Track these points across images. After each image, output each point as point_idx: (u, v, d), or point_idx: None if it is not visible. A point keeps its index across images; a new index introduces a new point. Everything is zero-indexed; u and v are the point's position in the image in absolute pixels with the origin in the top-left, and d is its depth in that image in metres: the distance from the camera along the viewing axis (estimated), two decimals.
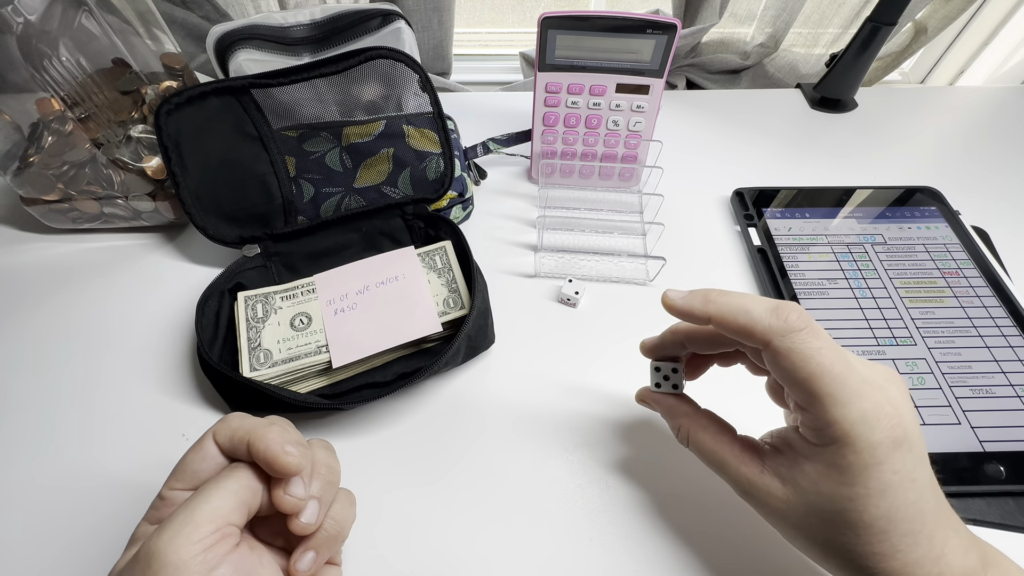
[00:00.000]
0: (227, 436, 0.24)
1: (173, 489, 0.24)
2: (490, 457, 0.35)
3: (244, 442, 0.24)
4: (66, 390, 0.39)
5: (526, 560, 0.31)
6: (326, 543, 0.25)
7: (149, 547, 0.21)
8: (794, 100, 0.63)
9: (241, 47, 0.46)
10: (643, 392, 0.32)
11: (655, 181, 0.52)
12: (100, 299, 0.44)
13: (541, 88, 0.47)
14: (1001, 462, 0.33)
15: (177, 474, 0.25)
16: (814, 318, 0.24)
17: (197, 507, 0.22)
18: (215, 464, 0.25)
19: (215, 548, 0.21)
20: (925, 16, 0.67)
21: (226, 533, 0.22)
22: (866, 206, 0.48)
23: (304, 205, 0.45)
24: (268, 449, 0.23)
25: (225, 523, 0.22)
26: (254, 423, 0.25)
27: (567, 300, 0.43)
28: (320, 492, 0.25)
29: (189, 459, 0.25)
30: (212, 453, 0.25)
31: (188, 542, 0.21)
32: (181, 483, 0.24)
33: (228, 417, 0.25)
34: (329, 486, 0.25)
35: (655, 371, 0.31)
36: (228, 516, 0.22)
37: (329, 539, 0.25)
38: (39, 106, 0.42)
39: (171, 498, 0.24)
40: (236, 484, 0.23)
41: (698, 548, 0.31)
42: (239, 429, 0.24)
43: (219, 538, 0.22)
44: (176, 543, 0.20)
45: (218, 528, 0.22)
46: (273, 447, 0.23)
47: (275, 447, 0.23)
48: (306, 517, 0.24)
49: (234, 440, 0.24)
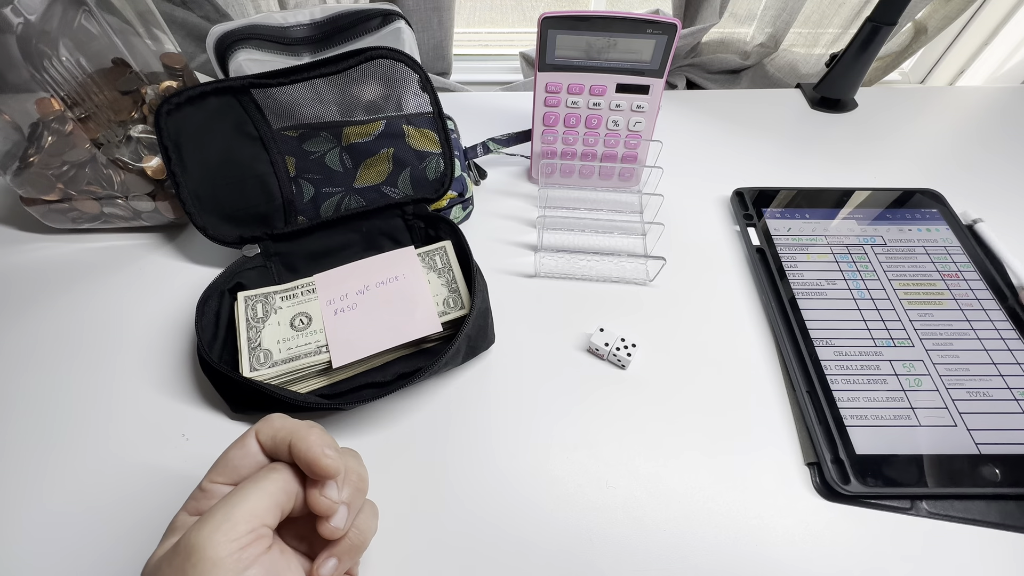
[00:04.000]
0: (269, 435, 0.25)
1: (214, 482, 0.25)
2: (490, 457, 0.35)
3: (286, 442, 0.25)
4: (66, 390, 0.39)
5: (526, 560, 0.31)
6: (348, 551, 0.26)
7: (190, 539, 0.21)
8: (794, 100, 0.63)
9: (241, 47, 0.46)
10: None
11: (655, 181, 0.52)
12: (100, 299, 0.44)
13: (541, 88, 0.47)
14: (997, 465, 0.33)
15: (219, 468, 0.25)
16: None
17: (236, 505, 0.22)
18: (255, 462, 0.25)
19: (249, 548, 0.22)
20: (925, 16, 0.67)
21: (260, 534, 0.23)
22: (866, 207, 0.48)
23: (304, 205, 0.45)
24: (310, 450, 0.24)
25: (260, 524, 0.23)
26: (296, 424, 0.25)
27: (613, 357, 0.39)
28: (350, 499, 0.25)
29: (232, 454, 0.25)
30: (254, 451, 0.25)
31: (226, 539, 0.21)
32: (222, 477, 0.25)
33: (271, 417, 0.26)
34: (359, 493, 0.26)
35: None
36: (263, 517, 0.23)
37: (352, 548, 0.26)
38: (39, 106, 0.42)
39: (211, 490, 0.25)
40: (273, 486, 0.24)
41: (699, 548, 0.31)
42: (281, 429, 0.25)
43: (254, 539, 0.22)
44: (215, 539, 0.21)
45: (253, 529, 0.22)
46: (315, 449, 0.24)
47: (316, 449, 0.24)
48: (336, 521, 0.24)
49: (276, 439, 0.25)
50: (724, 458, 0.35)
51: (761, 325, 0.42)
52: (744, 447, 0.35)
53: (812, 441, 0.35)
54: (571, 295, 0.44)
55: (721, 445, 0.35)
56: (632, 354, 0.38)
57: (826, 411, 0.35)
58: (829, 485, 0.33)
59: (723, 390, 0.38)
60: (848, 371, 0.37)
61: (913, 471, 0.33)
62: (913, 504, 0.32)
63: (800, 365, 0.38)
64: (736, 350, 0.40)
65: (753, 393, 0.38)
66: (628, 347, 0.39)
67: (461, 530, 0.32)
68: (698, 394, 0.38)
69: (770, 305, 0.42)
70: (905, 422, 0.35)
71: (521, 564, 0.31)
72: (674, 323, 0.42)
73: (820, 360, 0.38)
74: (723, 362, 0.40)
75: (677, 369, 0.39)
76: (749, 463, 0.35)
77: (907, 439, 0.34)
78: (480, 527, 0.32)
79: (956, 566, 0.31)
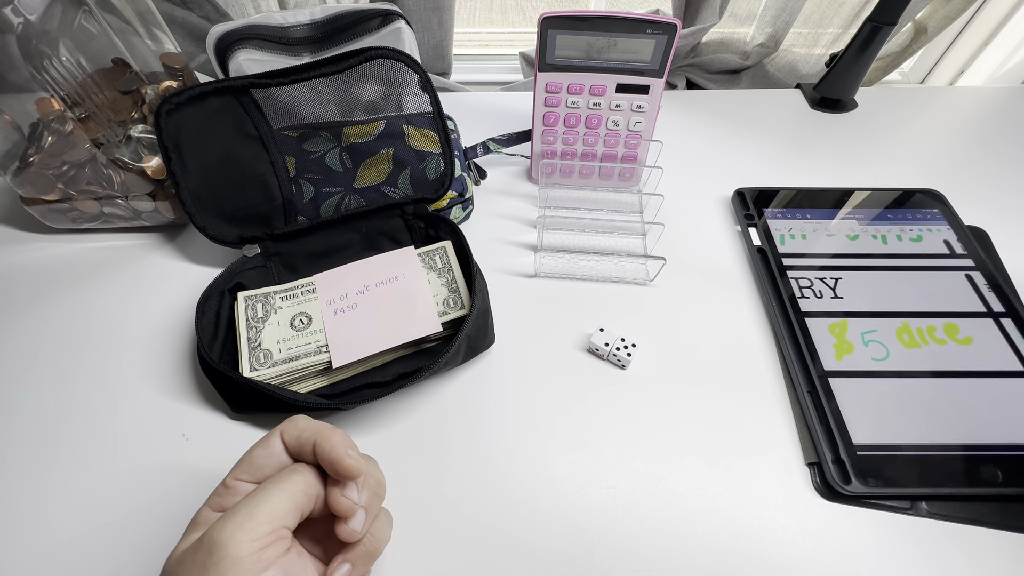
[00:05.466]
0: (294, 436, 0.26)
1: (238, 479, 0.25)
2: (490, 457, 0.35)
3: (310, 443, 0.25)
4: (65, 390, 0.39)
5: (526, 560, 0.31)
6: (363, 557, 0.26)
7: (212, 536, 0.22)
8: (794, 100, 0.63)
9: (241, 47, 0.46)
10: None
11: (655, 181, 0.52)
12: (100, 299, 0.44)
13: (541, 88, 0.47)
14: (997, 465, 0.33)
15: (243, 465, 0.26)
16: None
17: (258, 505, 0.23)
18: (279, 461, 0.26)
19: (269, 549, 0.22)
20: (925, 16, 0.67)
21: (280, 535, 0.23)
22: (866, 207, 0.48)
23: (304, 205, 0.45)
24: (333, 451, 0.24)
25: (281, 525, 0.23)
26: (320, 426, 0.26)
27: (613, 357, 0.39)
28: (368, 503, 0.26)
29: (256, 453, 0.26)
30: (278, 450, 0.26)
31: (248, 538, 0.22)
32: (246, 475, 0.25)
33: (295, 418, 0.26)
34: (376, 499, 0.26)
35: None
36: (284, 519, 0.23)
37: (366, 554, 0.26)
38: (39, 106, 0.42)
39: (235, 487, 0.25)
40: (295, 487, 0.24)
41: (699, 548, 0.31)
42: (306, 430, 0.26)
43: (274, 539, 0.23)
44: (237, 537, 0.21)
45: (274, 529, 0.23)
46: (338, 449, 0.24)
47: (339, 450, 0.24)
48: (354, 523, 0.25)
49: (300, 440, 0.25)
50: (724, 458, 0.35)
51: (762, 325, 0.42)
52: (745, 447, 0.35)
53: (813, 441, 0.35)
54: (571, 295, 0.44)
55: (721, 445, 0.35)
56: (632, 354, 0.38)
57: (827, 411, 0.35)
58: (830, 485, 0.33)
59: (724, 390, 0.38)
60: (849, 371, 0.37)
61: (914, 471, 0.33)
62: (913, 504, 0.32)
63: (801, 365, 0.38)
64: (736, 350, 0.40)
65: (754, 393, 0.38)
66: (628, 347, 0.39)
67: (461, 530, 0.32)
68: (698, 394, 0.38)
69: (771, 304, 0.42)
70: (906, 422, 0.35)
71: (521, 564, 0.31)
72: (674, 323, 0.42)
73: (821, 360, 0.38)
74: (724, 362, 0.40)
75: (677, 369, 0.39)
76: (750, 463, 0.35)
77: (908, 439, 0.34)
78: (480, 527, 0.32)
79: (956, 566, 0.30)
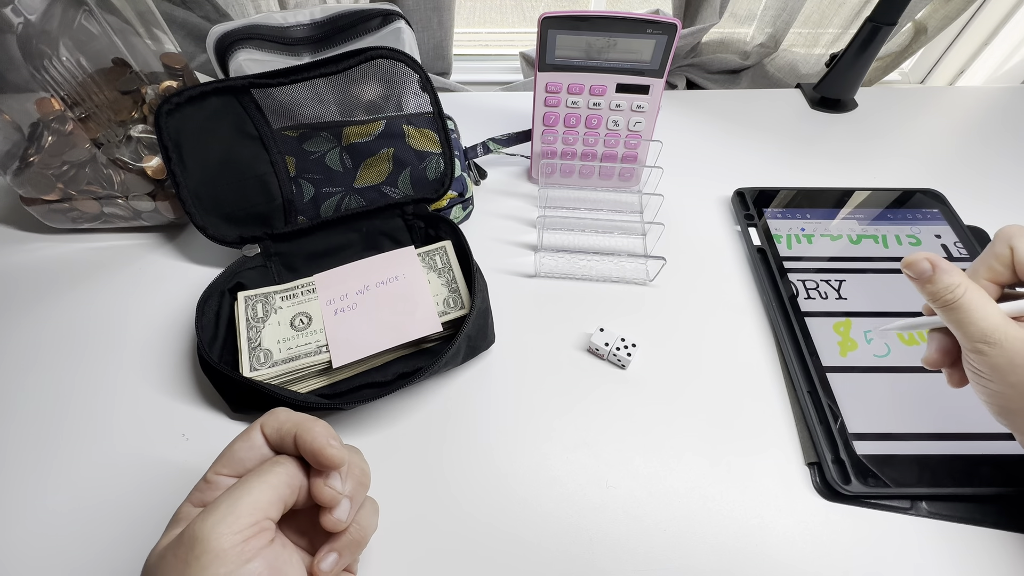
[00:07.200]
0: (275, 428, 0.26)
1: (219, 474, 0.25)
2: (490, 457, 0.35)
3: (291, 435, 0.25)
4: (66, 390, 0.39)
5: (526, 560, 0.31)
6: (349, 547, 0.26)
7: (194, 530, 0.22)
8: (794, 100, 0.63)
9: (241, 47, 0.46)
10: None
11: (655, 181, 0.52)
12: (100, 299, 0.44)
13: (541, 88, 0.47)
14: (997, 465, 0.33)
15: (224, 460, 0.25)
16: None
17: (240, 498, 0.23)
18: (260, 454, 0.26)
19: (252, 541, 0.22)
20: (925, 16, 0.67)
21: (263, 527, 0.23)
22: (866, 207, 0.48)
23: (304, 205, 0.45)
24: (315, 440, 0.24)
25: (263, 516, 0.23)
26: (301, 417, 0.26)
27: (613, 357, 0.39)
28: (352, 492, 0.25)
29: (237, 447, 0.26)
30: (259, 443, 0.26)
31: (230, 531, 0.21)
32: (227, 469, 0.25)
33: (276, 411, 0.26)
34: (361, 488, 0.26)
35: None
36: (267, 510, 0.23)
37: (353, 543, 0.26)
38: (39, 106, 0.42)
39: (216, 482, 0.25)
40: (277, 479, 0.24)
41: (699, 548, 0.31)
42: (287, 422, 0.25)
43: (257, 531, 0.22)
44: (218, 531, 0.21)
45: (257, 521, 0.22)
46: (320, 439, 0.24)
47: (321, 439, 0.24)
48: (339, 513, 0.25)
49: (281, 432, 0.25)
50: (724, 458, 0.35)
51: (762, 325, 0.42)
52: (744, 447, 0.35)
53: (813, 441, 0.35)
54: (571, 295, 0.44)
55: (721, 445, 0.35)
56: (632, 354, 0.38)
57: (827, 411, 0.35)
58: (830, 485, 0.33)
59: (724, 390, 0.38)
60: (851, 366, 0.37)
61: (914, 471, 0.33)
62: (913, 504, 0.32)
63: (801, 365, 0.38)
64: (737, 350, 0.40)
65: (754, 393, 0.38)
66: (628, 347, 0.39)
67: (461, 530, 0.32)
68: (698, 394, 0.38)
69: (771, 304, 0.42)
70: (906, 422, 0.35)
71: (521, 563, 0.31)
72: (674, 323, 0.42)
73: (821, 359, 0.38)
74: (724, 362, 0.40)
75: (677, 369, 0.39)
76: (749, 463, 0.35)
77: (908, 439, 0.34)
78: (480, 527, 0.32)
79: (956, 566, 0.30)
